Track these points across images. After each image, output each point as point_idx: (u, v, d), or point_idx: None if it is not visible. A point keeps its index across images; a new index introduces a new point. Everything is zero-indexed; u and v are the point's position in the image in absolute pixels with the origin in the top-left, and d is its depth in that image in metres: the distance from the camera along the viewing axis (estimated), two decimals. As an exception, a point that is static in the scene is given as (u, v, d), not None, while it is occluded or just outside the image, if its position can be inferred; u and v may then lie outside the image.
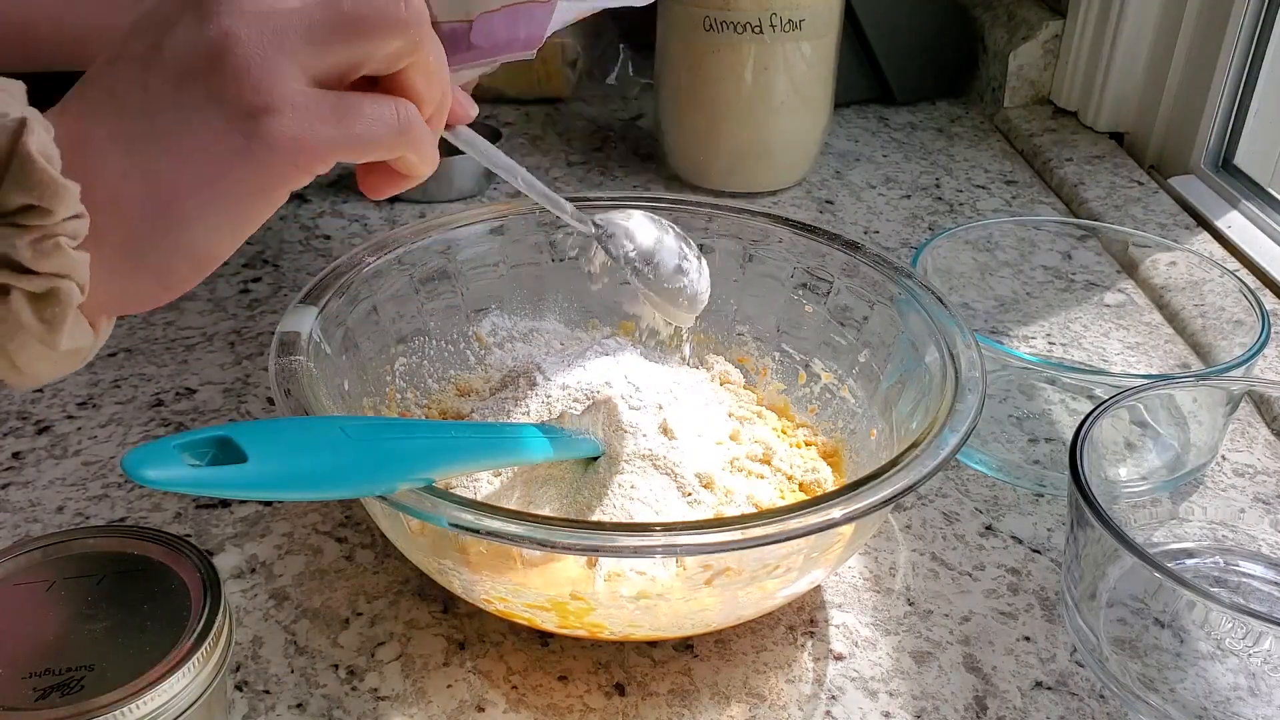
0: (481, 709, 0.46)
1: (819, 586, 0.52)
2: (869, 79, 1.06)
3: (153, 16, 0.36)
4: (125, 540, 0.43)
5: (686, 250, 0.53)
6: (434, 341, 0.60)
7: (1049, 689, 0.47)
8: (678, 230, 0.53)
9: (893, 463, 0.43)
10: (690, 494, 0.50)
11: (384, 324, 0.57)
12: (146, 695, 0.37)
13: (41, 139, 0.33)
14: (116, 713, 0.36)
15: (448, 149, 0.95)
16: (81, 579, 0.41)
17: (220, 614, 0.40)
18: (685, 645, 0.49)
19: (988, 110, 1.07)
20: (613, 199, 0.63)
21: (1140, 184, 0.90)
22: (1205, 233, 0.82)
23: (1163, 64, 0.92)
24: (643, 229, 0.52)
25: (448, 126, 0.43)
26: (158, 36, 0.35)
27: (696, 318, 0.54)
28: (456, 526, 0.40)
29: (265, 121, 0.34)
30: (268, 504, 0.56)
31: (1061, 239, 0.73)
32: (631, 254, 0.51)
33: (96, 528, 0.46)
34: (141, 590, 0.41)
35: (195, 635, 0.39)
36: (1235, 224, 0.82)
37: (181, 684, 0.38)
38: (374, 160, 0.39)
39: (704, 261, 0.54)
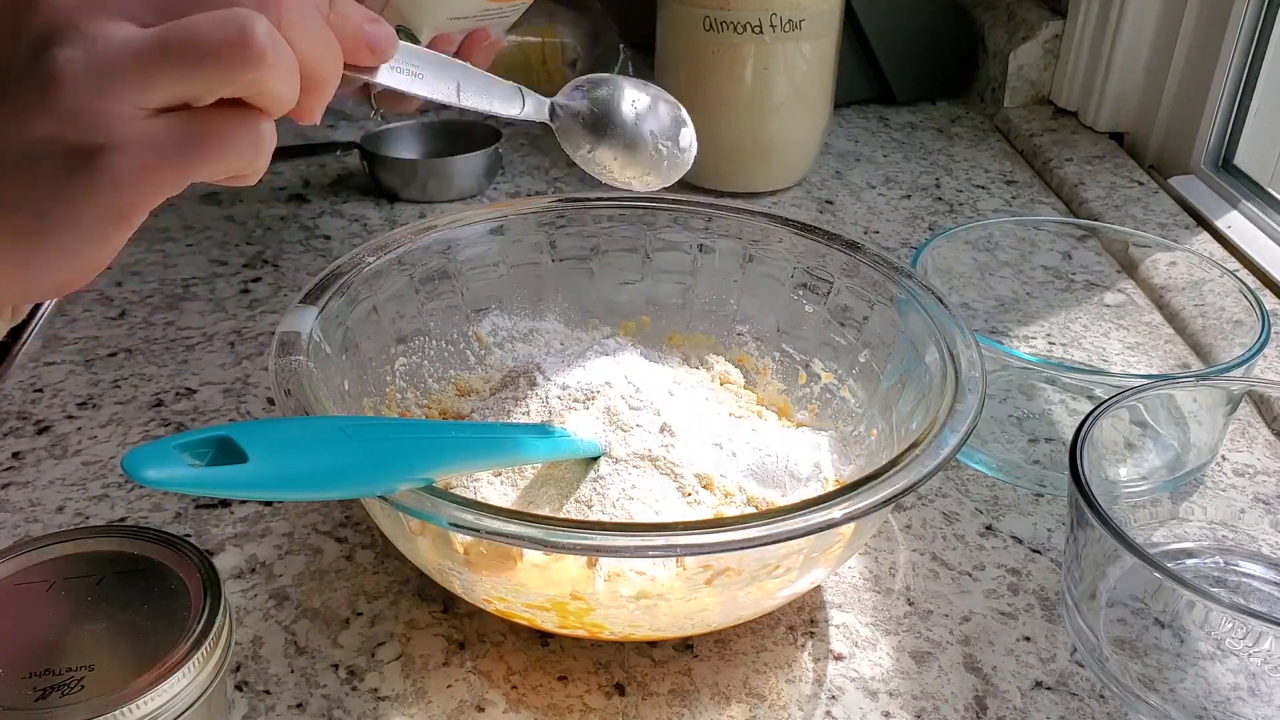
0: (481, 709, 0.46)
1: (819, 586, 0.52)
2: (869, 79, 1.06)
3: (1, 33, 0.34)
4: (125, 540, 0.43)
5: (659, 127, 0.49)
6: (434, 341, 0.60)
7: (1049, 689, 0.47)
8: (665, 98, 0.49)
9: (893, 463, 0.43)
10: (690, 494, 0.50)
11: (384, 324, 0.57)
12: (146, 695, 0.37)
13: None
14: (116, 713, 0.36)
15: (448, 149, 0.95)
16: (82, 579, 0.41)
17: (220, 614, 0.40)
18: (685, 645, 0.49)
19: (988, 110, 1.07)
20: (612, 199, 0.63)
21: (1140, 184, 0.90)
22: (1205, 233, 0.82)
23: (1163, 64, 0.92)
24: (617, 110, 0.47)
25: (359, 70, 0.39)
26: (3, 57, 0.34)
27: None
28: (456, 526, 0.40)
29: (104, 160, 0.33)
30: (268, 504, 0.56)
31: (1061, 239, 0.73)
32: (587, 153, 0.48)
33: (96, 528, 0.46)
34: (141, 590, 0.41)
35: (195, 635, 0.39)
36: (1235, 224, 0.82)
37: (181, 684, 0.38)
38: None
39: (688, 127, 0.49)
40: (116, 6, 0.33)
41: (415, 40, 0.54)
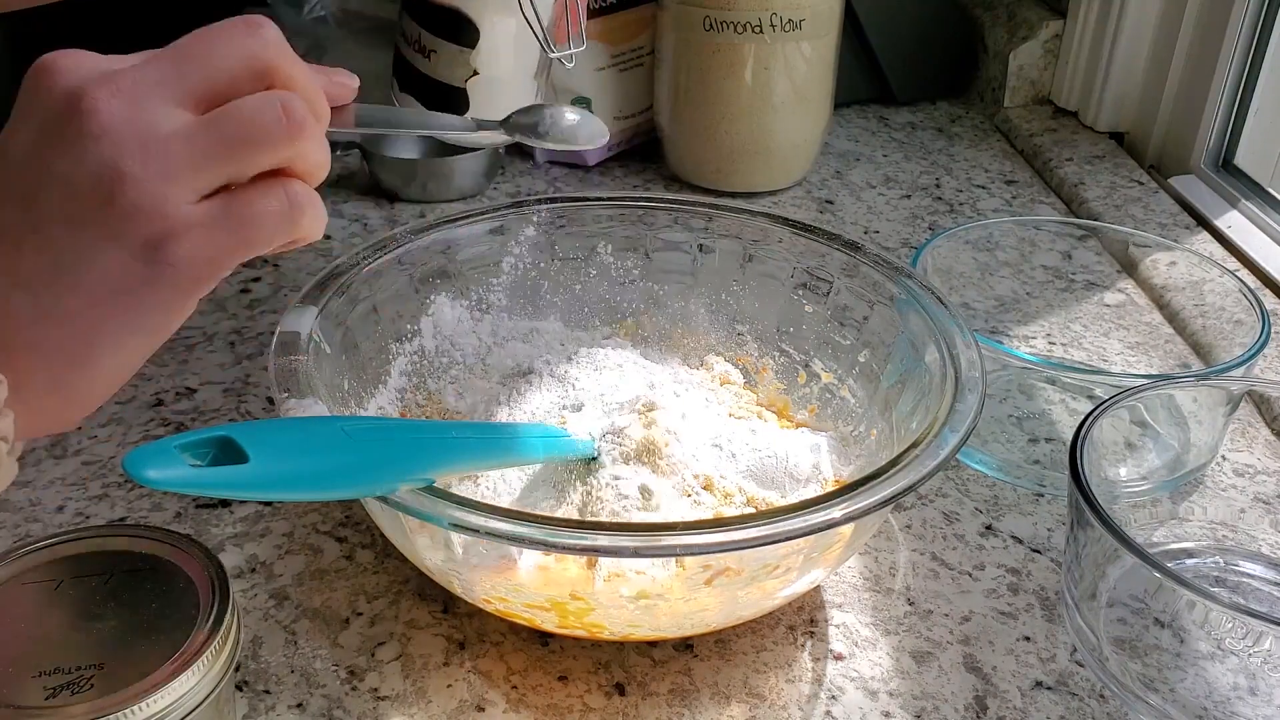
0: (481, 709, 0.46)
1: (819, 586, 0.52)
2: (869, 79, 1.06)
3: (20, 146, 0.35)
4: (133, 539, 0.43)
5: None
6: (434, 341, 0.60)
7: (1049, 689, 0.47)
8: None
9: (893, 463, 0.43)
10: (690, 494, 0.50)
11: (384, 324, 0.57)
12: (156, 694, 0.37)
13: None
14: (127, 711, 0.36)
15: (448, 149, 0.94)
16: (90, 578, 0.41)
17: (229, 613, 0.40)
18: (685, 645, 0.49)
19: (988, 110, 1.07)
20: (612, 199, 0.63)
21: (1140, 184, 0.90)
22: (1205, 233, 0.82)
23: (1163, 64, 0.92)
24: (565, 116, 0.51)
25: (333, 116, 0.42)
26: (37, 172, 0.34)
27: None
28: (456, 526, 0.40)
29: (165, 249, 0.34)
30: (268, 504, 0.56)
31: (1061, 239, 0.73)
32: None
33: (104, 526, 0.46)
34: (150, 589, 0.41)
35: (204, 634, 0.39)
36: (1235, 224, 0.82)
37: (191, 682, 0.38)
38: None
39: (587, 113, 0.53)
40: (162, 94, 0.35)
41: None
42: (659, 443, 0.51)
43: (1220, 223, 0.82)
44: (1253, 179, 0.85)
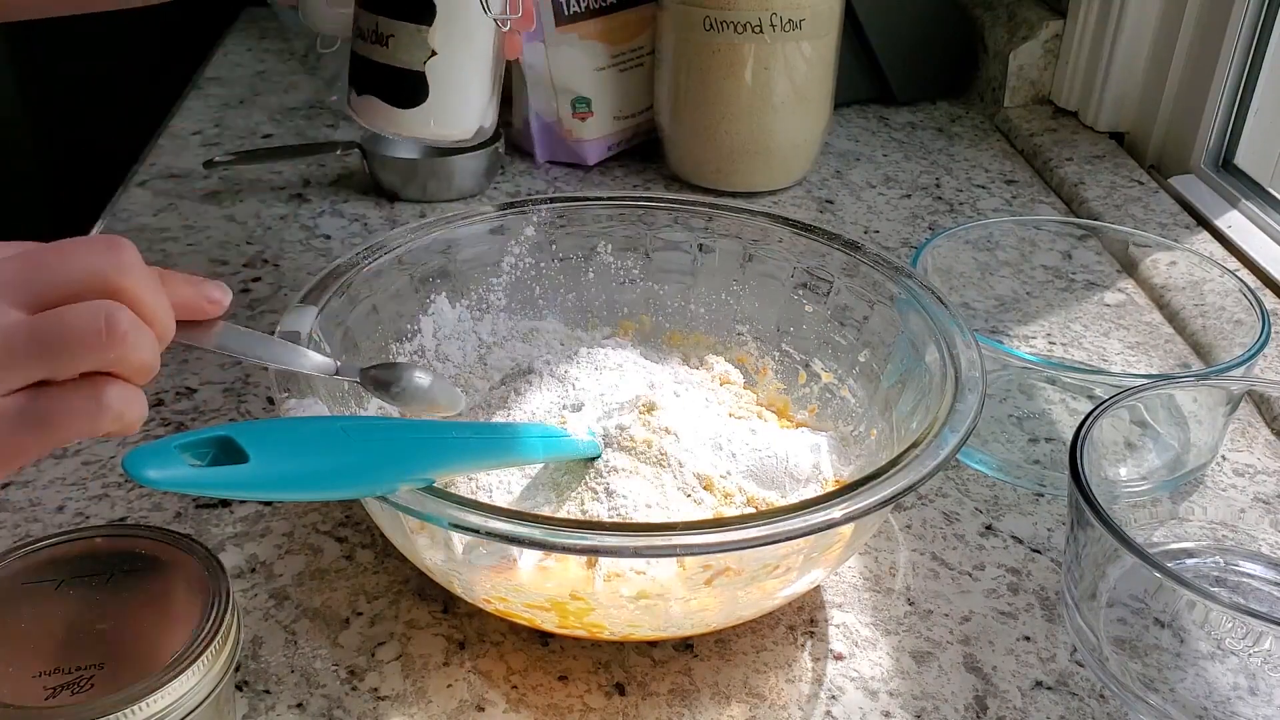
0: (481, 709, 0.46)
1: (819, 586, 0.52)
2: (869, 79, 1.06)
3: None
4: (133, 539, 0.43)
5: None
6: (433, 341, 0.60)
7: (1049, 689, 0.47)
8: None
9: (893, 463, 0.43)
10: (690, 494, 0.50)
11: (384, 324, 0.57)
12: (156, 694, 0.37)
13: None
14: (127, 711, 0.36)
15: (451, 150, 0.94)
16: (90, 577, 0.41)
17: (229, 613, 0.40)
18: (685, 645, 0.49)
19: (988, 110, 1.07)
20: (612, 199, 0.63)
21: (1140, 184, 0.90)
22: (1205, 232, 0.82)
23: (1163, 64, 0.92)
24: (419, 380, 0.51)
25: (193, 330, 0.42)
26: None
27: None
28: (456, 526, 0.40)
29: None
30: (268, 504, 0.56)
31: (1061, 239, 0.73)
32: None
33: (104, 526, 0.46)
34: (150, 589, 0.41)
35: (204, 634, 0.39)
36: (1235, 224, 0.82)
37: (191, 682, 0.38)
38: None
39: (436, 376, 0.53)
40: (2, 295, 0.35)
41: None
42: (659, 442, 0.51)
43: (1220, 223, 0.82)
44: (1253, 179, 0.85)
